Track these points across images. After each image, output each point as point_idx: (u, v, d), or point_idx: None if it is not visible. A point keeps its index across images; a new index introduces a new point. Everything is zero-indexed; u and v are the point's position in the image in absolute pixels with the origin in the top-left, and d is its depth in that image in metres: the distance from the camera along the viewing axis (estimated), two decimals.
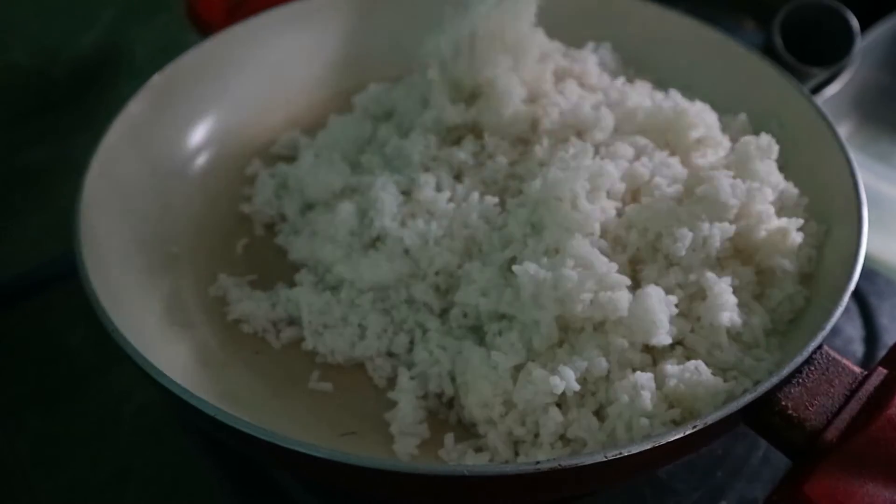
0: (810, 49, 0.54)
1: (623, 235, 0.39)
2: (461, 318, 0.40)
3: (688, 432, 0.29)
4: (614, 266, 0.36)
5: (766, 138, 0.42)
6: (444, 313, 0.41)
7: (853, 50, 0.55)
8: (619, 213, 0.40)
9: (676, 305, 0.36)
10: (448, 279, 0.41)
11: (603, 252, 0.38)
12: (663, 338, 0.35)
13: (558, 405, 0.35)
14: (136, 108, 0.46)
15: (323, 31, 0.55)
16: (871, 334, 0.48)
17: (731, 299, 0.36)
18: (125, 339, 0.34)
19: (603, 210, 0.39)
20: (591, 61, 0.50)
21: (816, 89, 0.57)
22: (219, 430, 0.32)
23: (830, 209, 0.41)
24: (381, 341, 0.41)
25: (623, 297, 0.35)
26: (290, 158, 0.51)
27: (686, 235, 0.37)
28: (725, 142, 0.44)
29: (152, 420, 0.48)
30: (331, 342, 0.41)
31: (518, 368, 0.36)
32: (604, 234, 0.39)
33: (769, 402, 0.32)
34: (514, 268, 0.36)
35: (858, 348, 0.48)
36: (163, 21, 0.65)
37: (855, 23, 0.55)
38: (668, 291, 0.36)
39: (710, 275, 0.37)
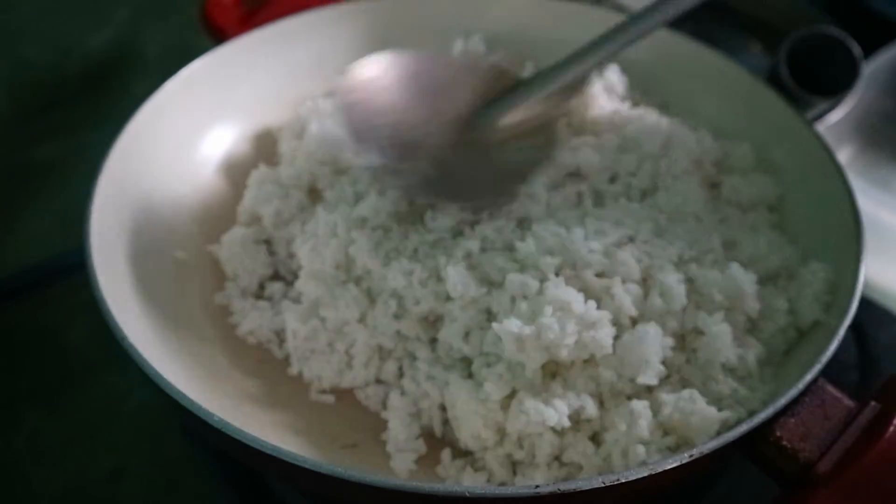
0: (815, 77, 0.55)
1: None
2: (449, 349, 0.39)
3: (685, 461, 0.30)
4: (592, 304, 0.36)
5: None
6: (433, 341, 0.40)
7: (856, 82, 0.55)
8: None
9: (672, 349, 0.36)
10: (435, 313, 0.40)
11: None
12: (650, 378, 0.35)
13: (554, 430, 0.35)
14: (148, 112, 0.46)
15: (336, 41, 0.55)
16: (866, 363, 0.49)
17: (729, 339, 0.36)
18: (133, 346, 0.34)
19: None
20: (596, 86, 0.50)
21: (819, 117, 0.58)
22: (222, 441, 0.32)
23: (830, 239, 0.42)
24: (368, 371, 0.40)
25: (606, 335, 0.35)
26: None
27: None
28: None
29: (151, 419, 0.48)
30: (317, 368, 0.41)
31: (509, 397, 0.36)
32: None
33: (764, 432, 0.32)
34: (495, 326, 0.36)
35: (853, 376, 0.48)
36: (176, 23, 0.66)
37: (859, 54, 0.55)
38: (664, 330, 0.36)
39: (705, 315, 0.37)
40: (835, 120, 0.58)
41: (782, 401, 0.32)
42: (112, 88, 0.64)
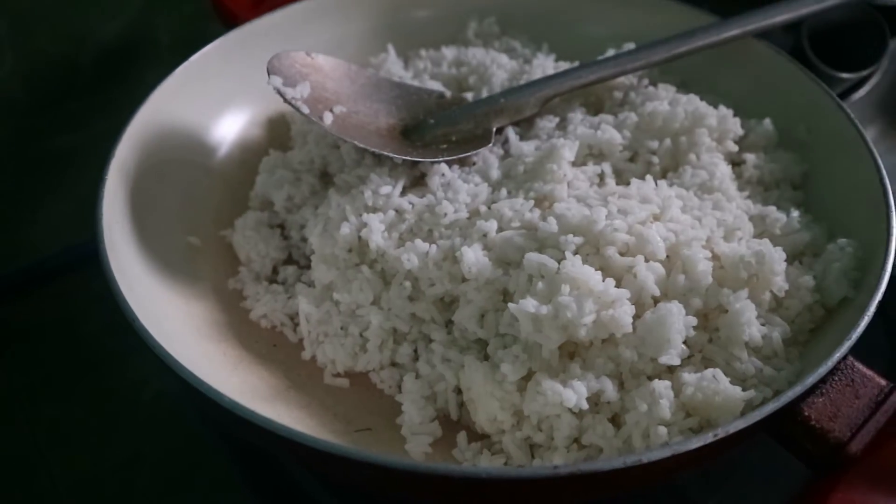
0: (839, 53, 0.53)
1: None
2: (464, 331, 0.39)
3: (709, 441, 0.29)
4: (611, 282, 0.35)
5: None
6: (448, 323, 0.40)
7: (884, 55, 0.54)
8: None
9: (695, 328, 0.35)
10: (451, 293, 0.39)
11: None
12: (672, 358, 0.34)
13: (572, 411, 0.34)
14: (160, 98, 0.46)
15: (347, 25, 0.55)
16: (895, 346, 0.47)
17: (753, 315, 0.35)
18: (145, 329, 0.34)
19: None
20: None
21: (844, 94, 0.56)
22: (235, 424, 0.32)
23: (858, 217, 0.40)
24: (382, 354, 0.40)
25: (626, 313, 0.34)
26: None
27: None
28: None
29: (167, 407, 0.49)
30: (331, 352, 0.40)
31: (525, 379, 0.35)
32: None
33: (792, 412, 0.31)
34: (511, 306, 0.35)
35: (881, 360, 0.47)
36: (188, 11, 0.66)
37: (886, 27, 0.53)
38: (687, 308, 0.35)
39: (728, 292, 0.36)
40: (857, 97, 0.56)
41: (811, 379, 0.31)
42: (126, 77, 0.64)
